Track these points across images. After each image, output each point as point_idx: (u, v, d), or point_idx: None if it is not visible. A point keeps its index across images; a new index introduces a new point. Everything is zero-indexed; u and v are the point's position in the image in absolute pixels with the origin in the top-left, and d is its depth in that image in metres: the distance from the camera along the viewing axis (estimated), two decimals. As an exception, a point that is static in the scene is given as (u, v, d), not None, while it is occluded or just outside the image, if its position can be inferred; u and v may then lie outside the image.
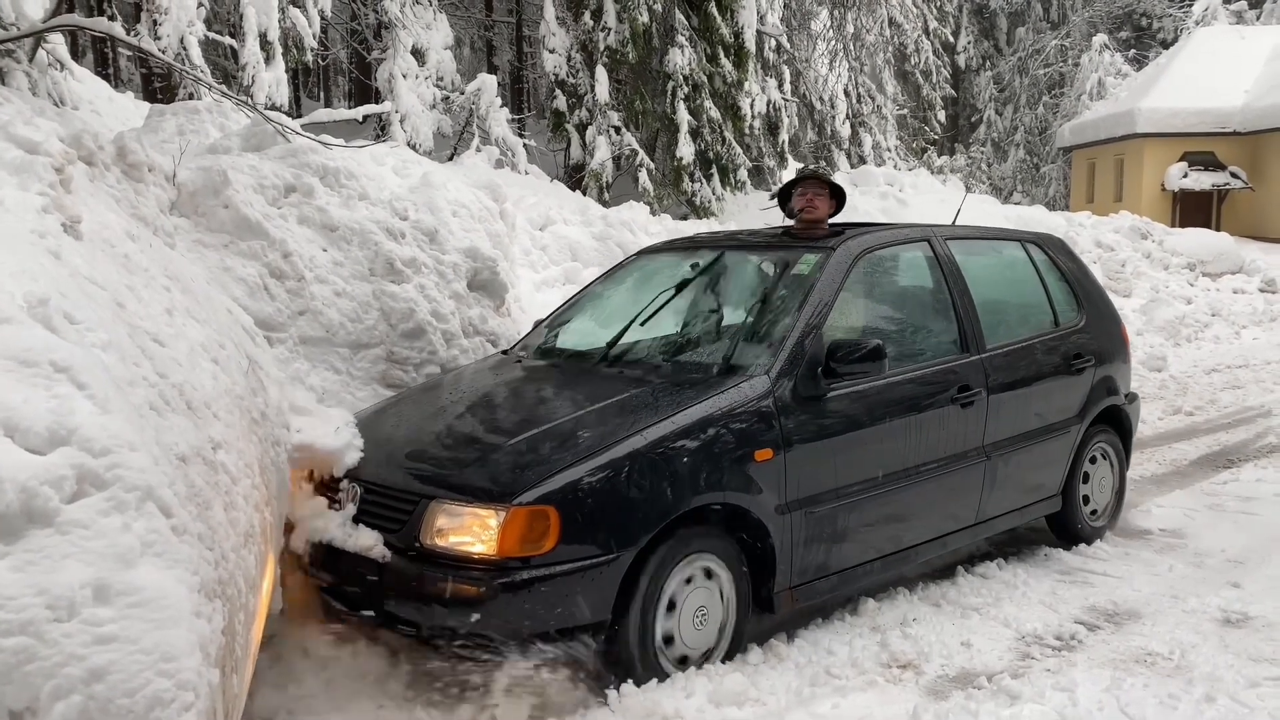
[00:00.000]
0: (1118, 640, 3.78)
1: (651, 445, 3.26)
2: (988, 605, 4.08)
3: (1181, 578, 4.44)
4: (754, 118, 14.80)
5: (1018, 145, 36.65)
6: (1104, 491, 5.06)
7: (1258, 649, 3.67)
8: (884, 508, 3.90)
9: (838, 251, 4.03)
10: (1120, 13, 36.06)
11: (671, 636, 3.32)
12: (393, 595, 3.16)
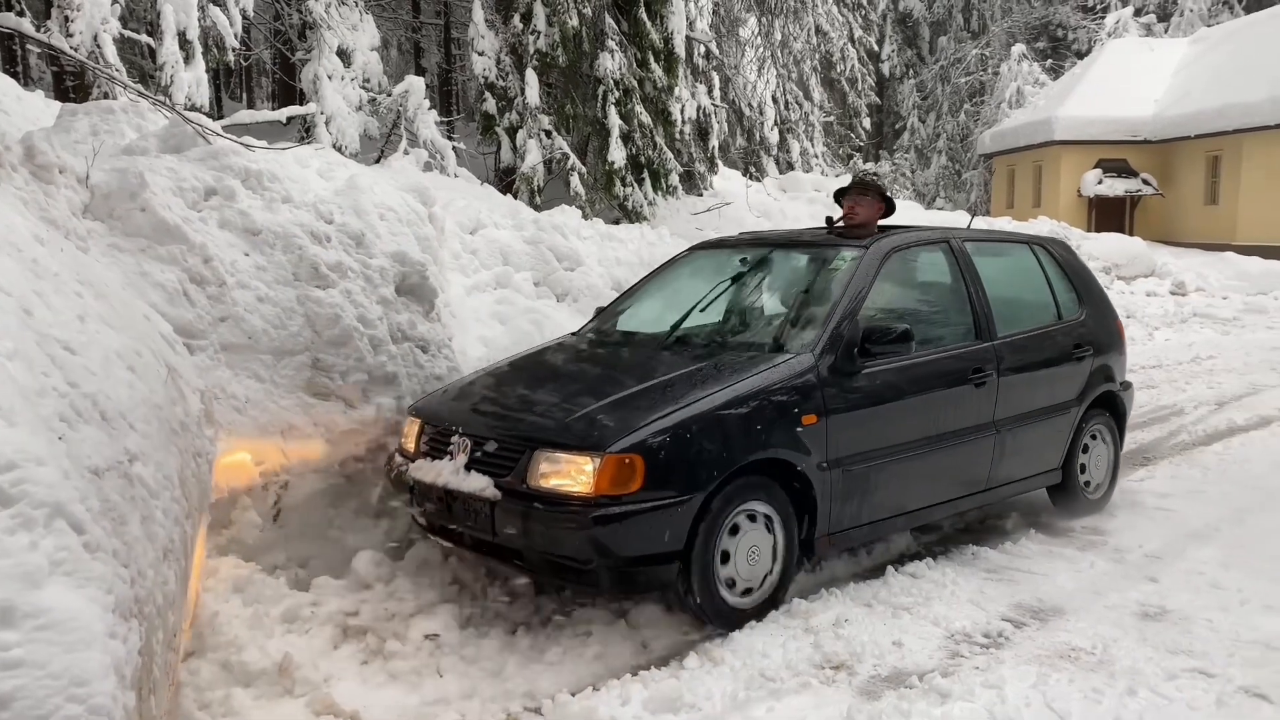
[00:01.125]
0: (1043, 636, 3.86)
1: (718, 408, 3.87)
2: (918, 604, 4.13)
3: (1102, 574, 4.56)
4: (684, 123, 14.85)
5: (940, 152, 37.45)
6: (1100, 469, 5.58)
7: (1174, 641, 3.78)
8: (907, 470, 4.47)
9: (870, 249, 4.67)
10: (1037, 24, 37.10)
11: (733, 578, 3.91)
12: (502, 528, 3.77)
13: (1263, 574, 4.49)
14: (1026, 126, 28.31)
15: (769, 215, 16.63)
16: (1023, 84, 32.16)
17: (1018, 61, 32.62)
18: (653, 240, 11.11)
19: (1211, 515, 5.40)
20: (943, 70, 37.52)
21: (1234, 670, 3.54)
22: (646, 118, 12.91)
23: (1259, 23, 26.95)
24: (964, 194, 36.53)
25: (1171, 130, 25.50)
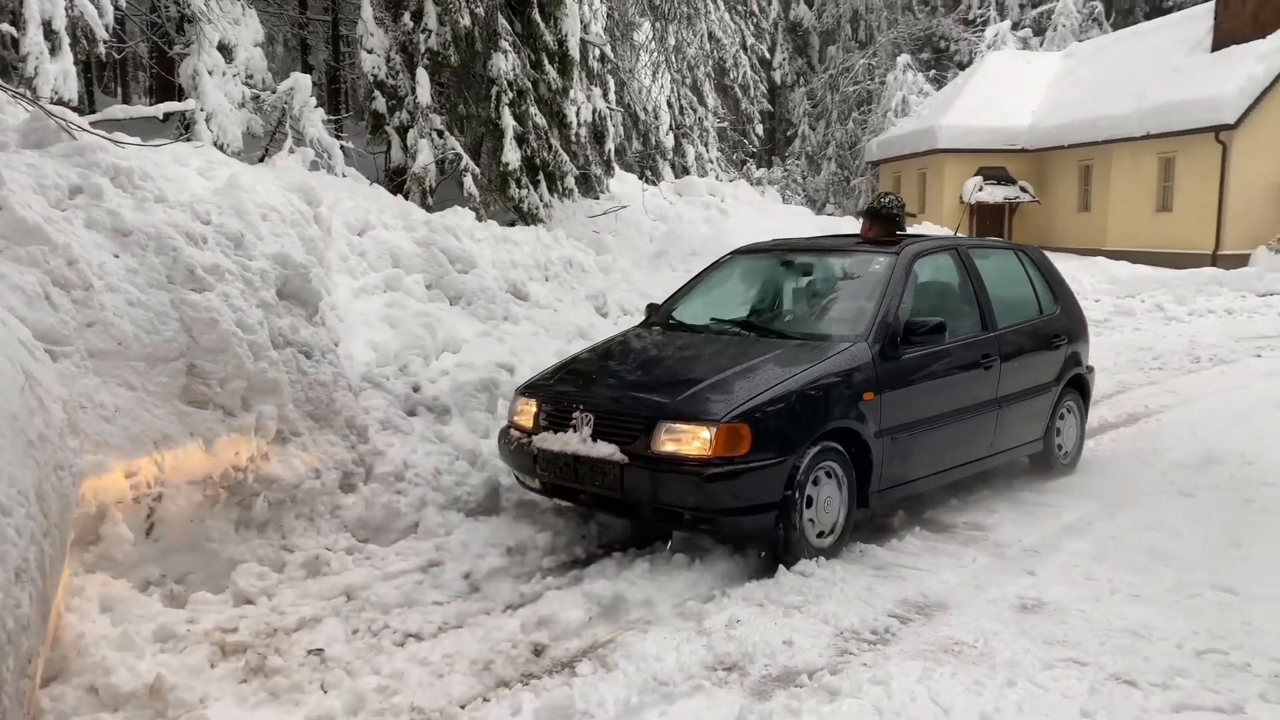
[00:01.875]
0: (928, 631, 3.95)
1: (804, 386, 4.69)
2: (809, 603, 4.18)
3: (984, 568, 4.70)
4: (580, 125, 14.81)
5: (830, 159, 38.32)
6: (1071, 438, 6.59)
7: (1051, 632, 3.92)
8: (935, 438, 5.33)
9: (901, 255, 5.54)
10: (921, 35, 38.32)
11: (814, 523, 4.71)
12: (629, 486, 4.48)
13: (1132, 565, 4.71)
14: (912, 135, 29.19)
15: (665, 219, 16.73)
16: (908, 93, 33.16)
17: (903, 71, 33.63)
18: (548, 243, 11.04)
19: (1085, 510, 5.64)
20: (832, 79, 38.41)
21: (1105, 658, 3.68)
22: (541, 119, 12.82)
23: (1125, 39, 28.40)
24: (853, 200, 37.45)
25: (1047, 140, 26.65)
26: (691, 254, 13.69)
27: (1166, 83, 22.89)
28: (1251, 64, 20.52)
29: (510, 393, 6.82)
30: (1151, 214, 23.29)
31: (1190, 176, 22.02)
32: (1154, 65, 24.22)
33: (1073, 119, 25.64)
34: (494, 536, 4.93)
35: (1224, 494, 5.98)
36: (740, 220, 18.65)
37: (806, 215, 21.16)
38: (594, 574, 4.51)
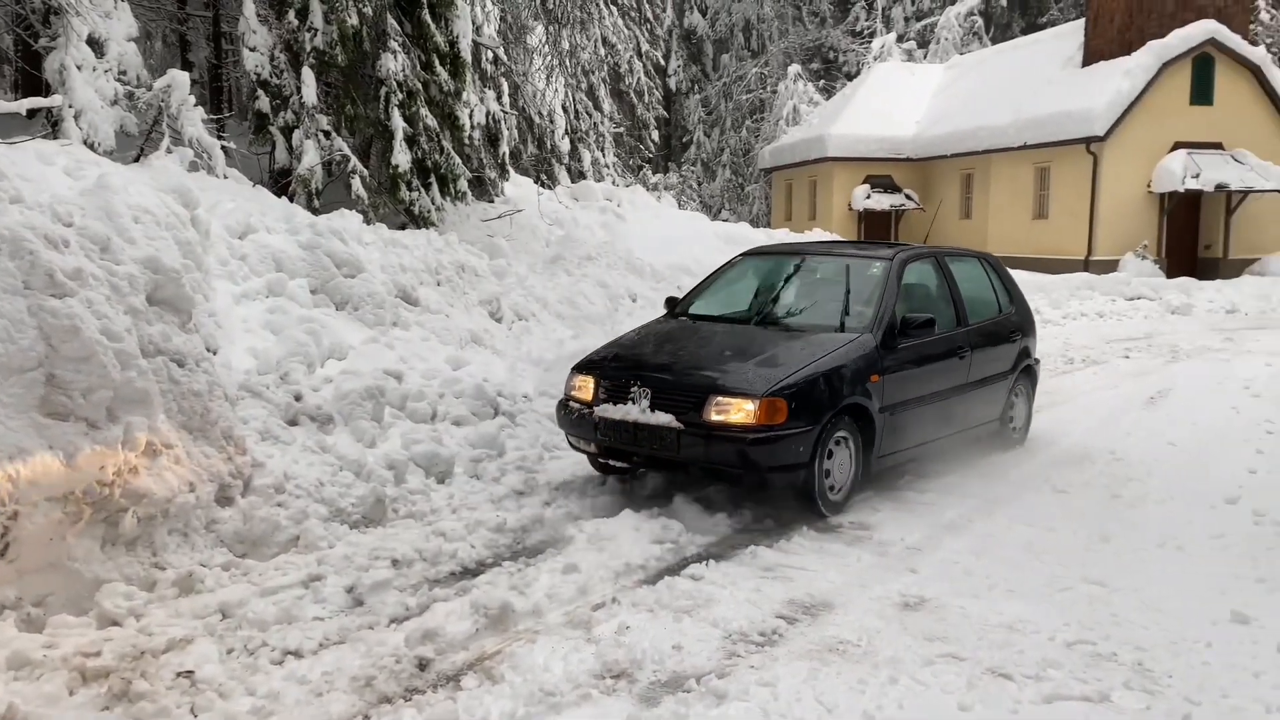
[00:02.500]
0: (814, 631, 4.00)
1: (828, 368, 5.59)
2: (699, 607, 4.19)
3: (868, 567, 4.80)
4: (473, 128, 14.64)
5: (724, 166, 38.81)
6: (1021, 418, 7.61)
7: (931, 629, 4.02)
8: (922, 414, 6.24)
9: (894, 260, 6.51)
10: (811, 45, 39.14)
11: (831, 481, 5.61)
12: (685, 449, 5.39)
13: (1008, 561, 4.87)
14: (802, 143, 29.79)
15: (561, 223, 16.67)
16: (798, 102, 33.82)
17: (794, 81, 34.28)
18: (440, 246, 10.87)
19: (965, 507, 5.81)
20: (725, 87, 38.92)
21: (982, 653, 3.79)
22: (433, 121, 12.62)
23: (1003, 53, 29.56)
24: (747, 206, 38.00)
25: (930, 149, 27.53)
26: (587, 258, 13.66)
27: (1041, 96, 23.90)
28: (1119, 79, 21.59)
29: (399, 400, 6.70)
30: (1028, 221, 24.27)
31: (1064, 185, 23.04)
32: (1030, 79, 25.26)
33: (954, 129, 26.55)
34: (380, 548, 4.81)
35: (1095, 490, 6.25)
36: (637, 225, 18.72)
37: (703, 221, 21.34)
38: (483, 584, 4.44)
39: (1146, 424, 8.31)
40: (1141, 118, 21.58)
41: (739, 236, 19.80)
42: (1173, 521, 5.54)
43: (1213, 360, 12.07)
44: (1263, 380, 10.50)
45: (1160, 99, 21.74)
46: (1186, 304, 18.77)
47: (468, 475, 6.14)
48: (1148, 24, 22.12)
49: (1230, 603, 4.29)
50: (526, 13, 17.25)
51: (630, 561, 4.72)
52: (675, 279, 15.20)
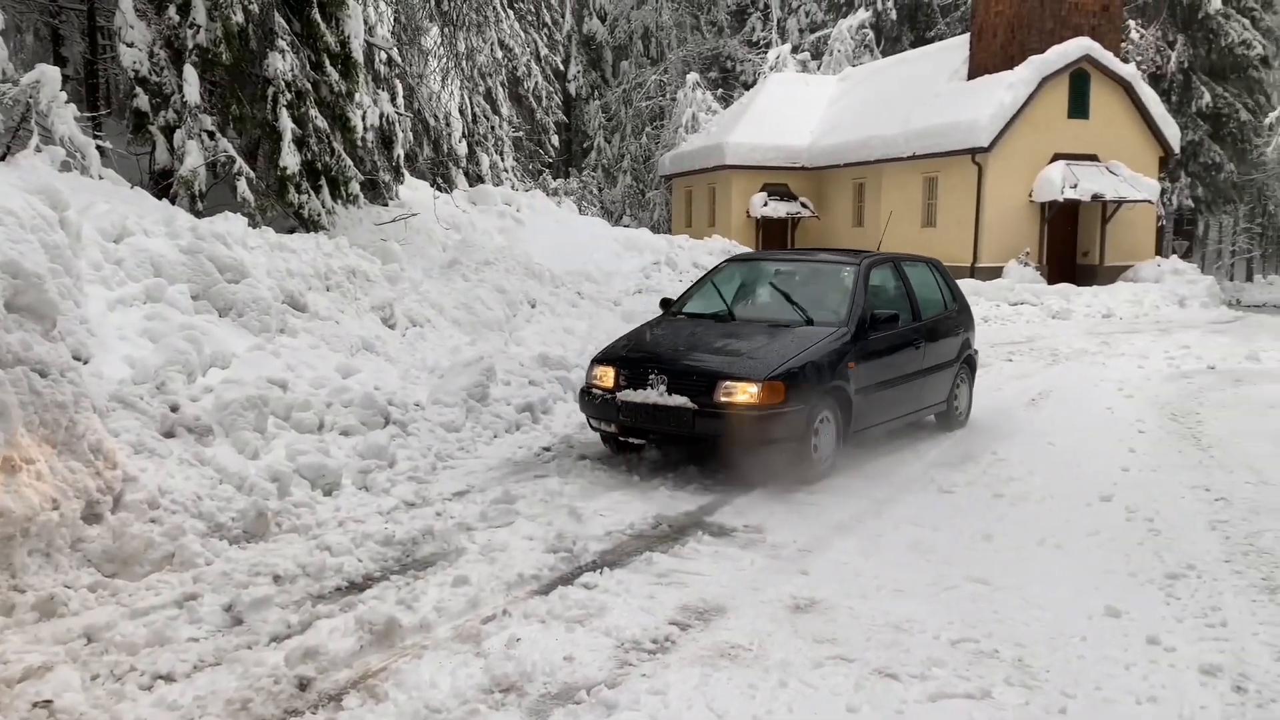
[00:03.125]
0: (706, 637, 4.00)
1: (817, 357, 6.52)
2: (591, 616, 4.15)
3: (761, 570, 4.82)
4: (367, 130, 14.34)
5: (626, 171, 38.93)
6: (963, 402, 8.59)
7: (821, 630, 4.06)
8: (885, 396, 7.23)
9: (861, 265, 7.51)
10: (709, 54, 39.58)
11: (817, 445, 6.50)
12: (699, 427, 6.26)
13: (895, 561, 4.96)
14: (701, 151, 30.08)
15: (458, 227, 16.46)
16: (697, 110, 34.15)
17: (692, 89, 34.61)
18: (330, 251, 10.59)
19: (855, 508, 5.92)
20: (625, 93, 39.05)
21: (870, 653, 3.85)
22: (323, 122, 12.30)
23: (893, 65, 30.40)
24: (648, 212, 38.19)
25: (824, 159, 28.12)
26: (485, 263, 13.50)
27: (929, 107, 24.66)
28: (1002, 92, 22.41)
29: (284, 410, 6.48)
30: (918, 229, 24.98)
31: (951, 194, 23.80)
32: (918, 91, 26.03)
33: (847, 139, 27.17)
34: (261, 564, 4.63)
35: (978, 490, 6.43)
36: (537, 229, 18.62)
37: (604, 226, 21.36)
38: (369, 599, 4.31)
39: (1028, 425, 8.63)
40: (1023, 130, 22.44)
41: (640, 242, 19.89)
42: (1052, 519, 5.73)
43: (1090, 363, 12.61)
44: (1135, 381, 11.01)
45: (1040, 112, 22.66)
46: (1066, 309, 19.59)
47: (356, 487, 5.97)
48: (1028, 40, 23.03)
49: (1104, 597, 4.45)
50: (421, 14, 16.98)
51: (523, 572, 4.65)
52: (576, 284, 15.16)
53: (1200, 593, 4.56)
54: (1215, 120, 30.99)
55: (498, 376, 8.57)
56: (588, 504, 5.78)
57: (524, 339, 11.48)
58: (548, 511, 5.65)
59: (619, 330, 13.08)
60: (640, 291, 16.53)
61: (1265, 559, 5.03)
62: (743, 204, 28.75)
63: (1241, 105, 31.07)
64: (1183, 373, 11.82)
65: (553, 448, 7.43)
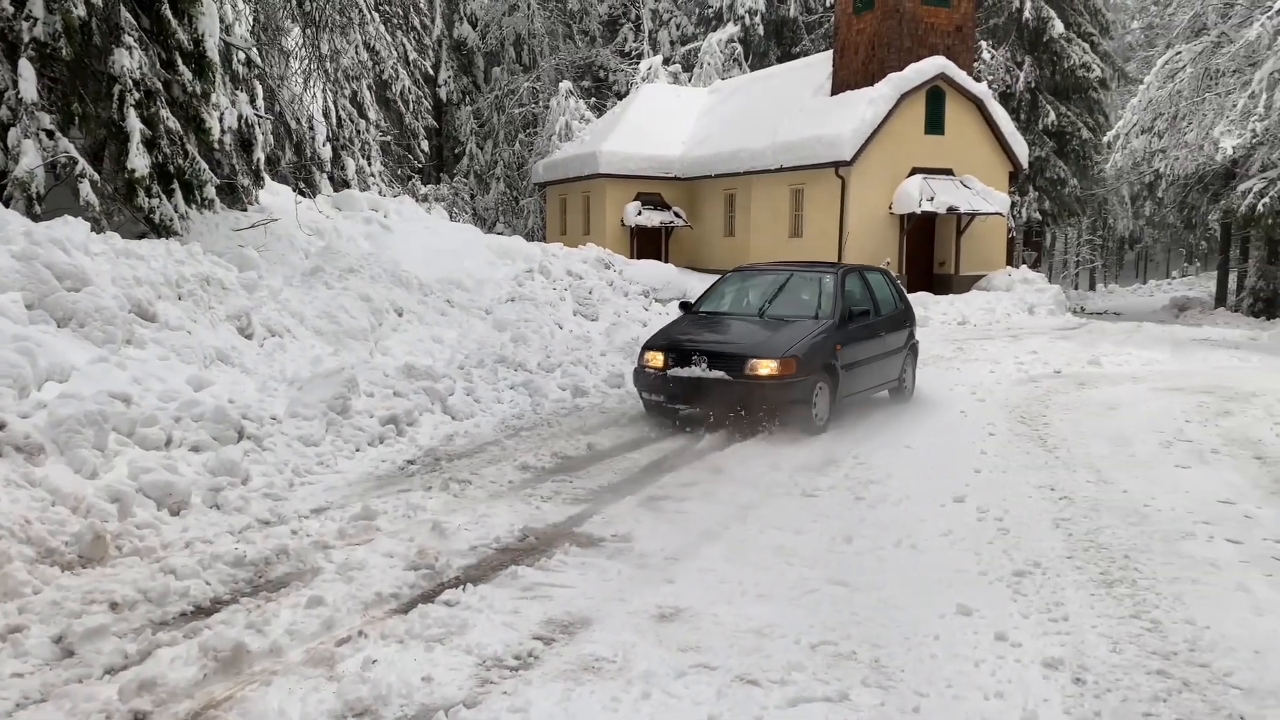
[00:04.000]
0: (570, 650, 3.95)
1: (815, 340, 8.50)
2: (452, 634, 4.04)
3: (628, 580, 4.81)
4: (224, 132, 13.75)
5: (499, 178, 38.57)
6: (910, 380, 10.71)
7: (685, 639, 4.06)
8: (860, 372, 9.20)
9: (839, 273, 9.64)
10: (582, 63, 39.63)
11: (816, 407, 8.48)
12: (734, 394, 8.20)
13: (760, 566, 5.02)
14: (575, 159, 30.08)
15: (322, 234, 15.94)
16: (571, 118, 34.12)
17: (565, 97, 34.56)
18: (182, 258, 10.12)
19: (721, 514, 5.97)
20: (498, 100, 38.70)
21: (732, 660, 3.87)
22: (176, 123, 11.75)
23: (761, 79, 31.09)
24: (522, 219, 37.93)
25: (696, 169, 28.52)
26: (350, 270, 13.12)
27: (796, 121, 25.30)
28: (863, 108, 23.18)
29: (127, 425, 6.14)
30: (786, 239, 25.59)
31: (816, 206, 24.47)
32: (785, 105, 26.68)
33: (718, 151, 27.63)
34: (96, 590, 4.35)
35: (840, 493, 6.59)
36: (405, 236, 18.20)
37: (475, 233, 21.05)
38: (216, 624, 4.09)
39: (888, 428, 8.90)
40: (883, 144, 23.27)
41: (513, 250, 19.69)
42: (908, 521, 5.91)
43: (945, 368, 13.13)
44: (987, 386, 11.51)
45: (899, 127, 23.54)
46: (924, 316, 20.35)
47: (206, 505, 5.69)
48: (888, 58, 23.91)
49: (956, 596, 4.61)
50: (282, 14, 16.42)
51: (382, 591, 4.51)
52: (445, 292, 14.90)
53: (1045, 589, 4.77)
54: (1060, 138, 32.84)
55: (360, 388, 8.33)
56: (452, 518, 5.66)
57: (390, 349, 11.21)
58: (410, 527, 5.50)
59: (491, 339, 12.95)
60: (513, 300, 16.35)
61: (1104, 554, 5.31)
62: (617, 212, 28.88)
63: (1083, 124, 33.00)
64: (1031, 377, 12.43)
65: (417, 461, 7.26)
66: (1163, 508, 6.24)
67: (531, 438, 8.23)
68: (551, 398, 9.97)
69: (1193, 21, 23.35)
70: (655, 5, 40.70)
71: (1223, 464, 7.57)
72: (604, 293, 19.09)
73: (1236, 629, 4.27)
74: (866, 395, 9.71)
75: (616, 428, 8.76)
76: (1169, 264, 64.00)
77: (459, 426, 8.47)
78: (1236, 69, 18.81)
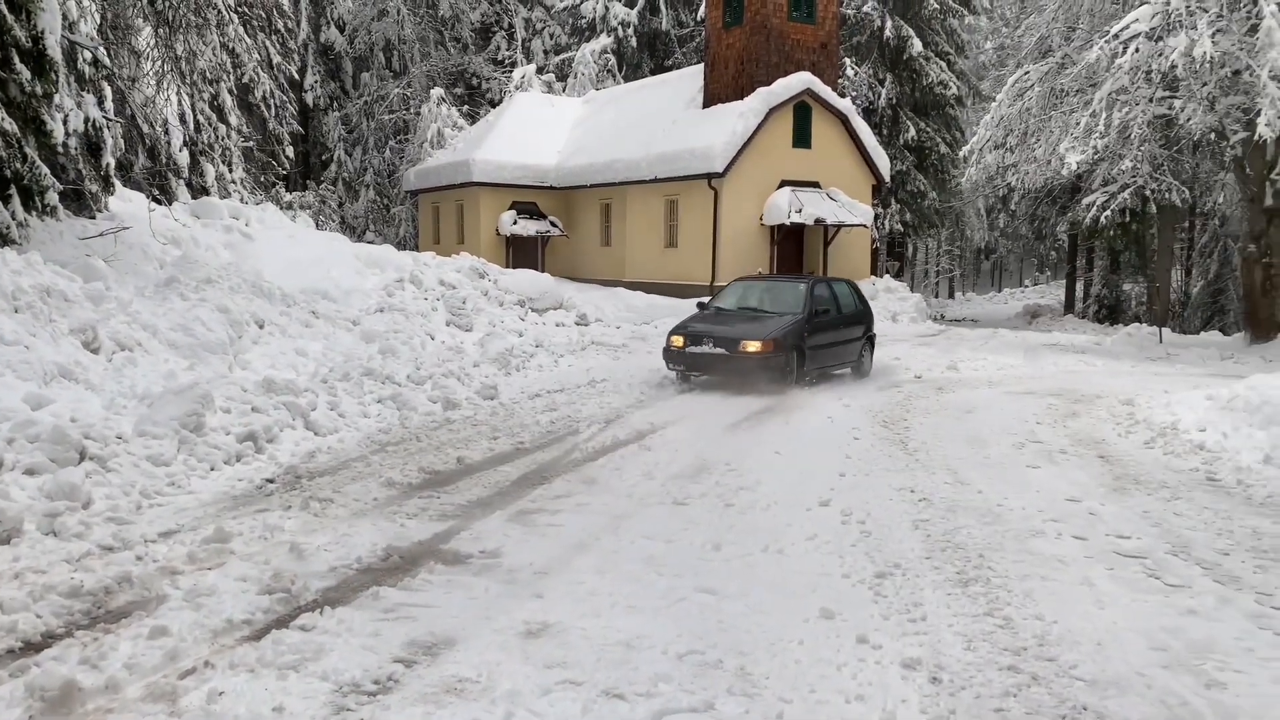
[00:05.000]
0: (433, 672, 3.83)
1: (789, 328, 12.28)
2: (308, 660, 3.87)
3: (495, 597, 4.71)
4: (68, 135, 13.00)
5: (368, 186, 37.70)
6: (867, 362, 13.91)
7: (552, 655, 3.99)
8: (822, 353, 12.74)
9: (811, 281, 13.74)
10: (454, 70, 39.13)
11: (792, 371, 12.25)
12: (730, 364, 11.99)
13: (630, 576, 5.00)
14: (448, 167, 29.66)
15: (178, 243, 15.22)
16: (443, 126, 33.63)
17: (437, 104, 34.06)
18: (19, 268, 9.51)
19: (593, 525, 5.93)
20: (367, 106, 37.86)
21: (600, 674, 3.82)
22: (13, 125, 11.05)
23: (635, 91, 31.34)
24: (393, 228, 37.16)
25: (572, 179, 28.50)
26: (207, 281, 12.57)
27: (669, 133, 25.58)
28: (734, 121, 23.62)
29: (-49, 448, 5.70)
30: (661, 249, 25.83)
31: (691, 217, 24.78)
32: (659, 117, 26.96)
33: (593, 161, 27.68)
34: (-92, 630, 3.99)
35: (710, 500, 6.63)
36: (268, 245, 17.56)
37: (343, 242, 20.47)
38: (46, 660, 3.81)
39: (757, 434, 9.04)
40: (753, 157, 23.75)
41: (383, 259, 19.25)
42: (776, 526, 5.99)
43: (815, 375, 13.44)
44: (852, 391, 11.85)
45: (769, 140, 24.08)
46: (795, 325, 20.80)
47: (41, 532, 5.31)
48: (757, 72, 24.43)
49: (820, 600, 4.68)
50: (133, 12, 15.64)
51: (233, 617, 4.28)
52: (310, 303, 14.43)
53: (904, 590, 4.89)
54: (920, 152, 34.19)
55: (216, 403, 7.96)
56: (312, 539, 5.45)
57: (250, 362, 10.78)
58: (266, 549, 5.27)
59: (358, 351, 12.60)
60: (382, 310, 15.97)
61: (960, 554, 5.49)
62: (492, 221, 28.59)
63: (941, 140, 34.46)
64: (894, 382, 12.86)
65: (277, 479, 6.97)
66: (1014, 507, 6.51)
67: (399, 452, 8.02)
68: (421, 411, 9.75)
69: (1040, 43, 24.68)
70: (529, 14, 40.54)
71: (1070, 463, 7.96)
72: (478, 303, 18.85)
73: (1081, 622, 4.47)
74: (829, 370, 13.09)
75: (488, 440, 8.62)
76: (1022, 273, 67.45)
77: (322, 442, 8.19)
78: (1079, 89, 19.93)
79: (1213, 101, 18.11)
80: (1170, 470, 7.76)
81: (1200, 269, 31.45)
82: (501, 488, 6.96)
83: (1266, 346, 18.66)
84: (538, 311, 20.20)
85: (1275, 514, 6.46)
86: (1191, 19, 16.30)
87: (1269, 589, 4.96)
